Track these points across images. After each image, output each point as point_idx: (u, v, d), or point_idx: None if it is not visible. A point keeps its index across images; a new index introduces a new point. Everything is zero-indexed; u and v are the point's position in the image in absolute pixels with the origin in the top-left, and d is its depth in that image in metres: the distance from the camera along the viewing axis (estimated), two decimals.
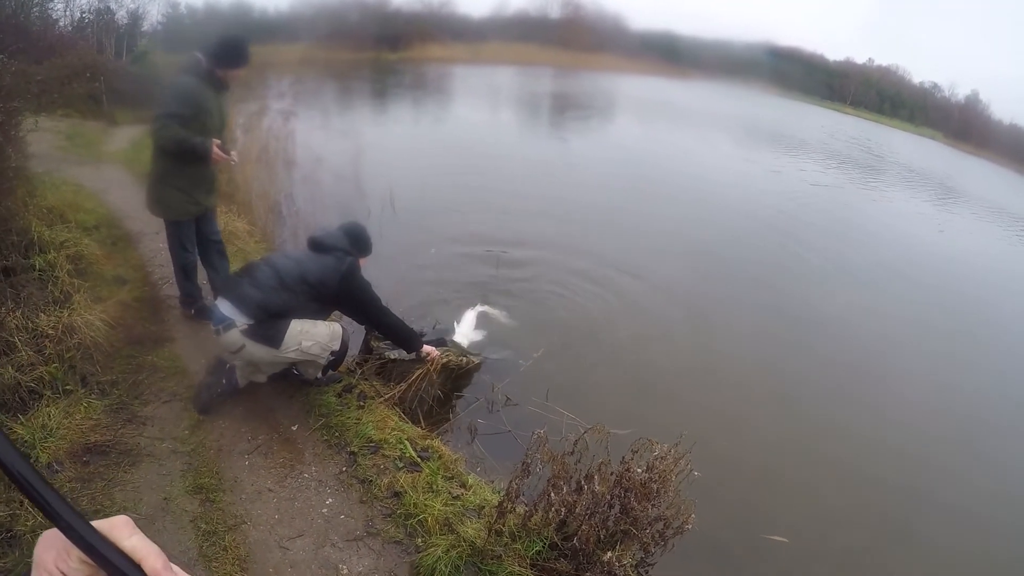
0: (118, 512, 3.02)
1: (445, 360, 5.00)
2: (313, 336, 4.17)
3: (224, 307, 4.03)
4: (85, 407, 4.07)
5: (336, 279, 4.13)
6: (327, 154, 9.73)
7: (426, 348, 4.73)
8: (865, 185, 22.85)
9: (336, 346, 4.29)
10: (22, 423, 3.81)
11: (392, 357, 4.87)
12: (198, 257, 5.29)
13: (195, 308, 5.37)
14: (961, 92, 73.87)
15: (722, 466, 4.94)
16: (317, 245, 4.26)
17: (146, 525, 3.36)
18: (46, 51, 15.38)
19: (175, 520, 3.50)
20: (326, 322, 4.35)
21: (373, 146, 12.17)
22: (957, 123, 64.39)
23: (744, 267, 10.49)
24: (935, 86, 75.29)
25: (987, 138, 60.06)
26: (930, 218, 19.72)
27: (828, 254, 12.49)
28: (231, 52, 4.69)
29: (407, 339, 4.64)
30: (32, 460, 3.16)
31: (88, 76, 14.85)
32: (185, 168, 4.71)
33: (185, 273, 5.24)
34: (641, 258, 9.72)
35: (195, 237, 5.16)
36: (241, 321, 3.98)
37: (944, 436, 6.72)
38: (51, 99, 12.86)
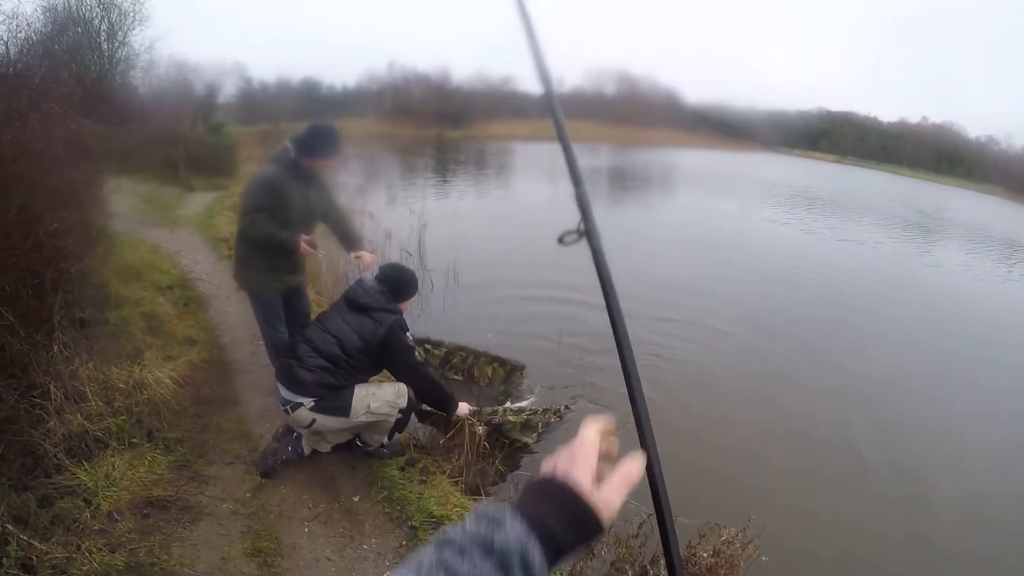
0: (175, 567, 3.02)
1: (489, 417, 4.93)
2: (379, 397, 4.19)
3: (284, 391, 4.09)
4: (149, 461, 4.09)
5: (375, 344, 4.11)
6: (393, 227, 9.87)
7: (462, 407, 4.57)
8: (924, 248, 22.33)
9: (403, 403, 4.27)
10: (86, 470, 3.82)
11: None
12: (287, 334, 5.11)
13: None
14: (1018, 143, 72.86)
15: (792, 553, 4.78)
16: (355, 305, 4.22)
17: None
18: (128, 117, 16.07)
19: None
20: (389, 381, 4.37)
21: (437, 221, 12.29)
22: (1017, 176, 61.81)
23: (816, 343, 10.22)
24: (991, 139, 74.35)
25: None
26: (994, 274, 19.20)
27: (889, 319, 12.15)
28: (317, 142, 4.57)
29: (444, 401, 4.49)
30: (93, 507, 3.20)
31: (167, 143, 15.44)
32: (270, 251, 4.66)
33: (276, 350, 5.02)
34: (708, 331, 9.54)
35: (284, 314, 5.07)
36: (306, 400, 4.03)
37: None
38: (132, 163, 13.36)
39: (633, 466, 0.92)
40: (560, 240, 1.15)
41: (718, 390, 7.70)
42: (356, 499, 4.21)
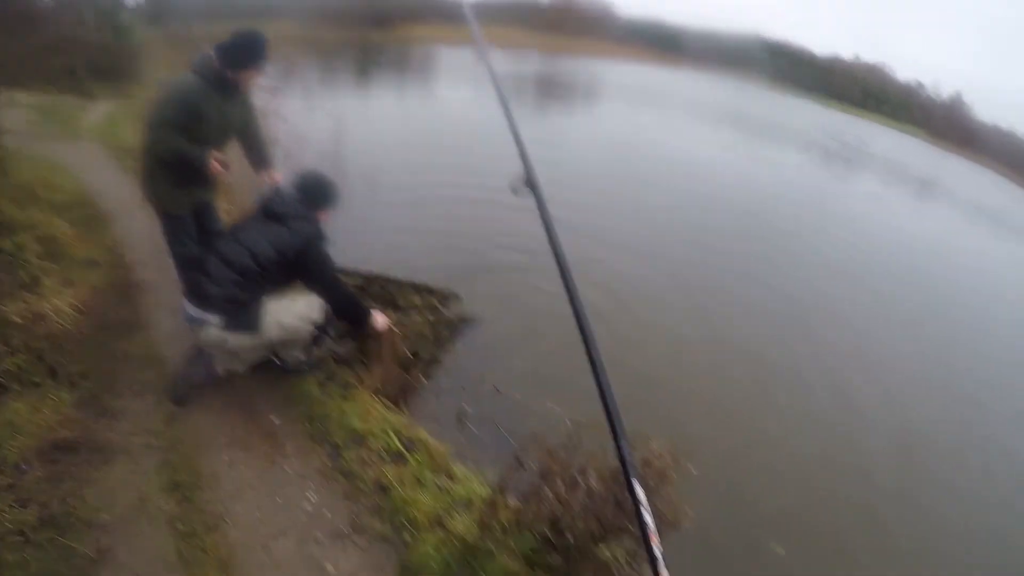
0: (91, 514, 2.88)
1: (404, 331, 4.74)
2: (292, 312, 3.98)
3: (191, 309, 3.83)
4: (54, 401, 3.87)
5: (292, 254, 3.86)
6: (310, 132, 9.42)
7: (379, 320, 4.35)
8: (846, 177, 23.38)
9: (317, 317, 4.08)
10: None
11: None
12: (198, 250, 4.68)
13: None
14: (944, 92, 75.22)
15: (724, 466, 4.94)
16: (270, 213, 3.95)
17: (121, 528, 3.21)
18: (23, 25, 14.94)
19: (152, 521, 3.32)
20: (302, 295, 4.12)
21: (357, 126, 11.87)
22: (940, 121, 65.13)
23: (733, 256, 10.58)
24: (920, 85, 76.44)
25: (970, 138, 61.19)
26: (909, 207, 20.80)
27: (809, 243, 12.83)
28: (245, 51, 4.10)
29: (360, 316, 4.29)
30: None
31: (67, 49, 14.40)
32: (178, 167, 4.26)
33: (185, 265, 4.68)
34: (634, 245, 9.66)
35: (195, 231, 4.70)
36: (213, 318, 3.79)
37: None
38: (27, 74, 12.53)
39: None
40: (513, 191, 1.11)
41: (647, 300, 7.93)
42: (275, 420, 4.09)
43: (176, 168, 4.23)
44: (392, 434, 3.95)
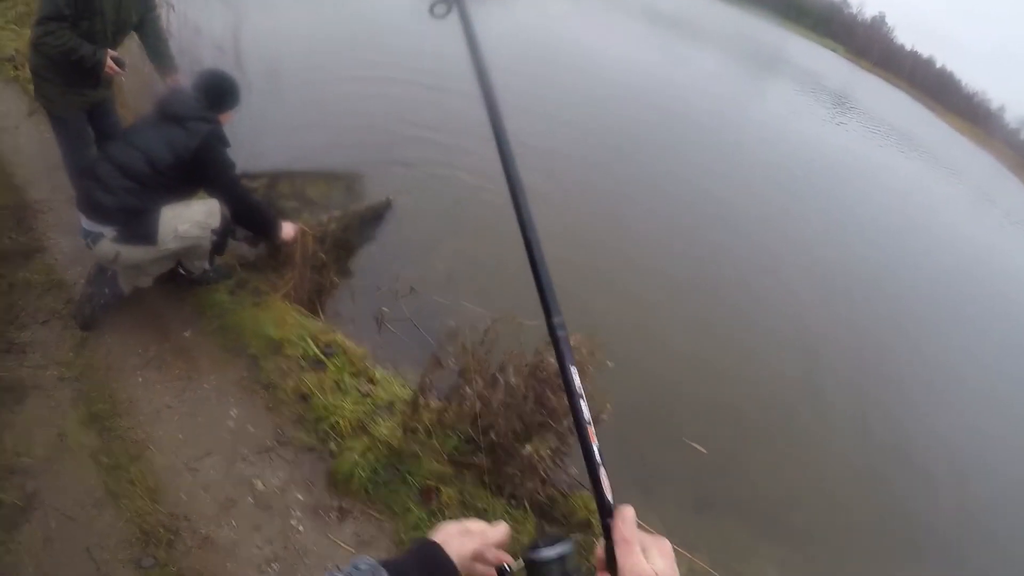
0: (11, 459, 2.80)
1: (318, 233, 4.54)
2: (188, 218, 3.72)
3: (84, 222, 3.58)
4: None
5: (188, 156, 3.58)
6: (203, 22, 8.73)
7: (287, 229, 4.17)
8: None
9: (216, 223, 3.83)
10: None
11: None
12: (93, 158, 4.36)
13: None
14: (868, 12, 76.69)
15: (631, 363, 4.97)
16: (166, 114, 3.64)
17: (44, 468, 3.16)
18: None
19: (74, 457, 3.25)
20: (199, 200, 3.87)
21: (255, 13, 11.07)
22: (861, 40, 66.14)
23: (655, 167, 10.56)
24: (844, 1, 77.29)
25: (888, 59, 63.33)
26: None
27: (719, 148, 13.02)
28: None
29: (265, 224, 4.10)
30: None
31: None
32: (69, 65, 3.90)
33: (79, 174, 4.35)
34: (544, 143, 9.23)
35: (90, 135, 4.42)
36: (107, 230, 3.58)
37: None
38: None
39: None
40: (431, 10, 0.94)
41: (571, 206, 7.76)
42: (187, 334, 3.95)
43: (67, 67, 3.90)
44: (309, 340, 3.85)
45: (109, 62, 3.84)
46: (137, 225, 3.59)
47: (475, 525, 1.09)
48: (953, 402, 7.27)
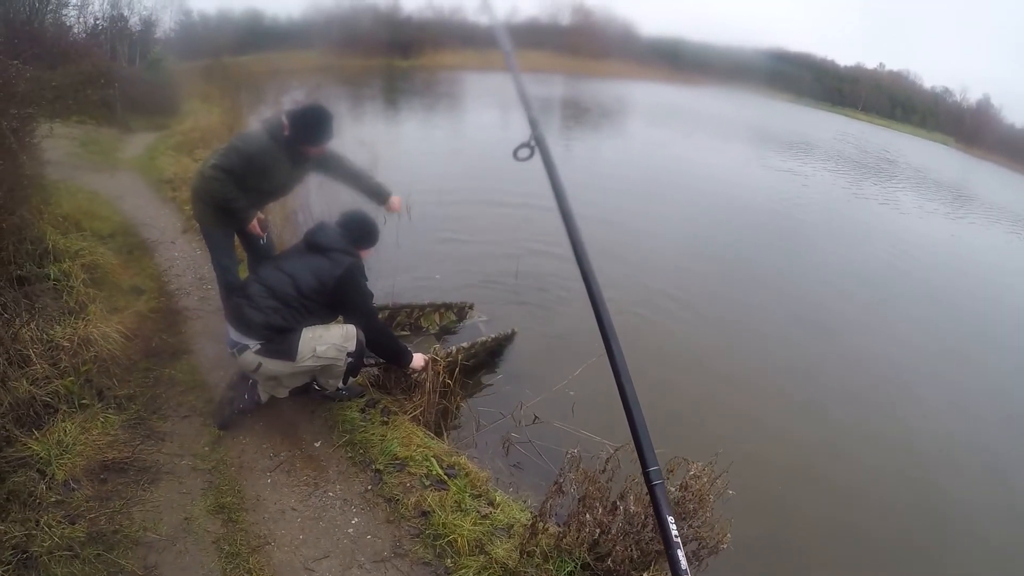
0: (138, 532, 2.94)
1: (446, 363, 4.74)
2: (326, 340, 4.04)
3: (232, 333, 3.95)
4: (102, 422, 3.96)
5: (332, 284, 3.99)
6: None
7: (417, 359, 4.48)
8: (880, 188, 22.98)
9: (352, 346, 4.12)
10: (37, 439, 3.68)
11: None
12: (238, 273, 4.84)
13: None
14: (972, 96, 74.03)
15: (761, 487, 4.87)
16: (312, 246, 4.10)
17: (167, 547, 3.27)
18: (60, 57, 15.34)
19: (197, 541, 3.37)
20: (337, 324, 4.20)
21: (389, 153, 12.00)
22: (968, 127, 64.12)
23: (765, 277, 10.46)
24: (946, 91, 75.80)
25: (999, 142, 59.47)
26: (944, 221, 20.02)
27: (841, 259, 12.61)
28: (314, 130, 4.24)
29: (396, 353, 4.44)
30: (48, 478, 3.08)
31: (102, 82, 14.79)
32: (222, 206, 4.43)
33: (227, 290, 4.71)
34: (664, 268, 9.62)
35: (232, 250, 4.80)
36: (252, 343, 3.89)
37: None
38: (65, 105, 12.82)
39: None
40: (514, 154, 1.14)
41: (679, 328, 7.85)
42: (318, 445, 4.15)
43: (220, 207, 4.41)
44: (433, 460, 3.99)
45: (254, 223, 4.40)
46: (280, 341, 3.94)
47: None
48: None
